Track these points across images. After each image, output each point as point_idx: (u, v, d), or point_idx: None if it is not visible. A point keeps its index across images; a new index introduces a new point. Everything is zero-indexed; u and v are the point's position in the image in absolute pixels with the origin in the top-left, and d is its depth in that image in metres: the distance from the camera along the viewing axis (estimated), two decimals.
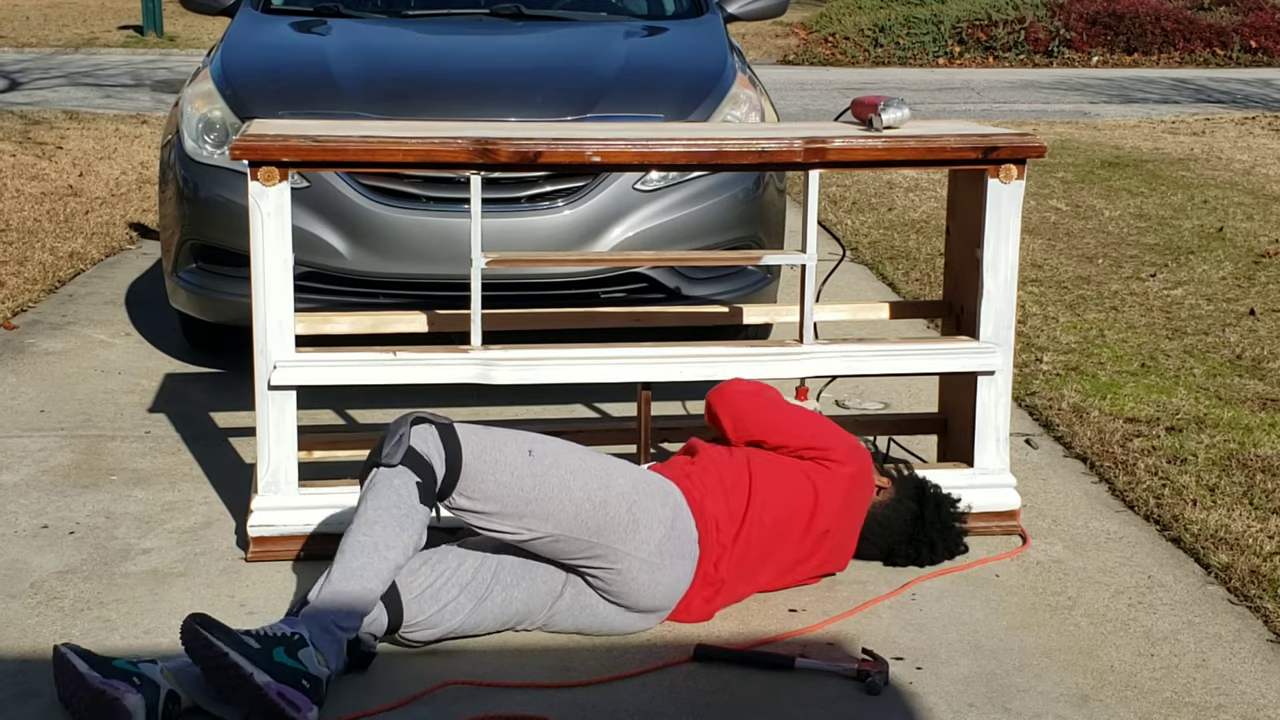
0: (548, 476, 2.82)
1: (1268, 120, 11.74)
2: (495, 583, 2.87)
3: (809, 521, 3.05)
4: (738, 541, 2.98)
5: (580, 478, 2.84)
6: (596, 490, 2.84)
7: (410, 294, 4.24)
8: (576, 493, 2.82)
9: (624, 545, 2.84)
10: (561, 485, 2.82)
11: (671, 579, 2.91)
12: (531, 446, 2.86)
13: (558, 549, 2.84)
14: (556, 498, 2.80)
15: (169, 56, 15.51)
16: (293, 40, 4.97)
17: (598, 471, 2.88)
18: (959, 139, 3.38)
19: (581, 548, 2.84)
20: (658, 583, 2.89)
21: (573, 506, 2.81)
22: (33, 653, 2.87)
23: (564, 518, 2.81)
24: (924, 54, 17.38)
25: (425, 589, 2.82)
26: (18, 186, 7.73)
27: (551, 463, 2.84)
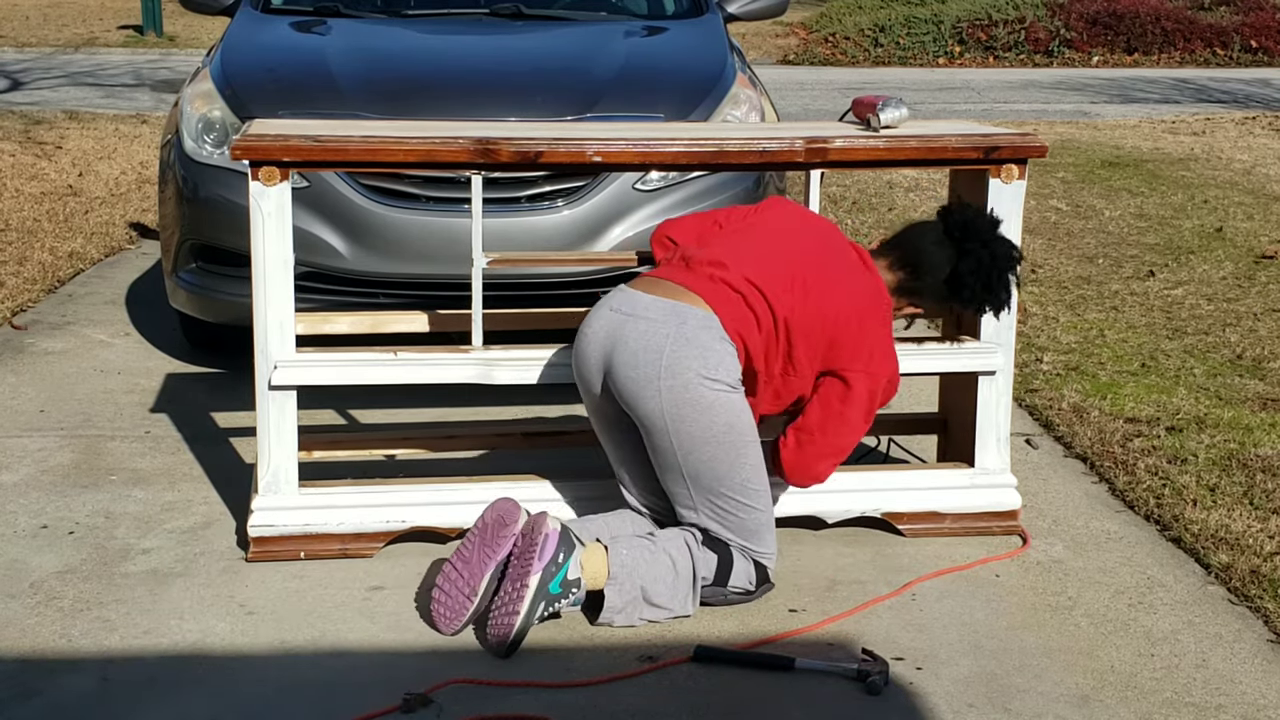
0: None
1: (1268, 120, 11.74)
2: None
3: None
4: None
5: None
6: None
7: (410, 294, 4.23)
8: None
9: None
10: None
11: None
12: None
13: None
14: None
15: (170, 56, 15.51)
16: (293, 40, 4.96)
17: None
18: (960, 139, 3.38)
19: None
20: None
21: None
22: (33, 653, 2.87)
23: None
24: (924, 54, 17.37)
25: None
26: (17, 186, 7.73)
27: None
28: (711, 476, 2.99)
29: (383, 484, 3.45)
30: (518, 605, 2.87)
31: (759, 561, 3.08)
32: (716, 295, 3.00)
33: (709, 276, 3.03)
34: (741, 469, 3.00)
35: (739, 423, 2.98)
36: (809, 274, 3.05)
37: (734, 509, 3.02)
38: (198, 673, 2.81)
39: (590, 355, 3.05)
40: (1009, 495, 3.54)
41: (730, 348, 2.97)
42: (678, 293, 3.01)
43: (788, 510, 3.43)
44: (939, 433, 3.84)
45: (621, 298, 3.05)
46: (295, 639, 2.95)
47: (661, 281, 3.07)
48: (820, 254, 3.11)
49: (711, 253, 3.09)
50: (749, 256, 3.07)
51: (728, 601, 3.07)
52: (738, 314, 2.99)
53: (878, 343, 3.08)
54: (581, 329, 3.09)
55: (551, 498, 3.37)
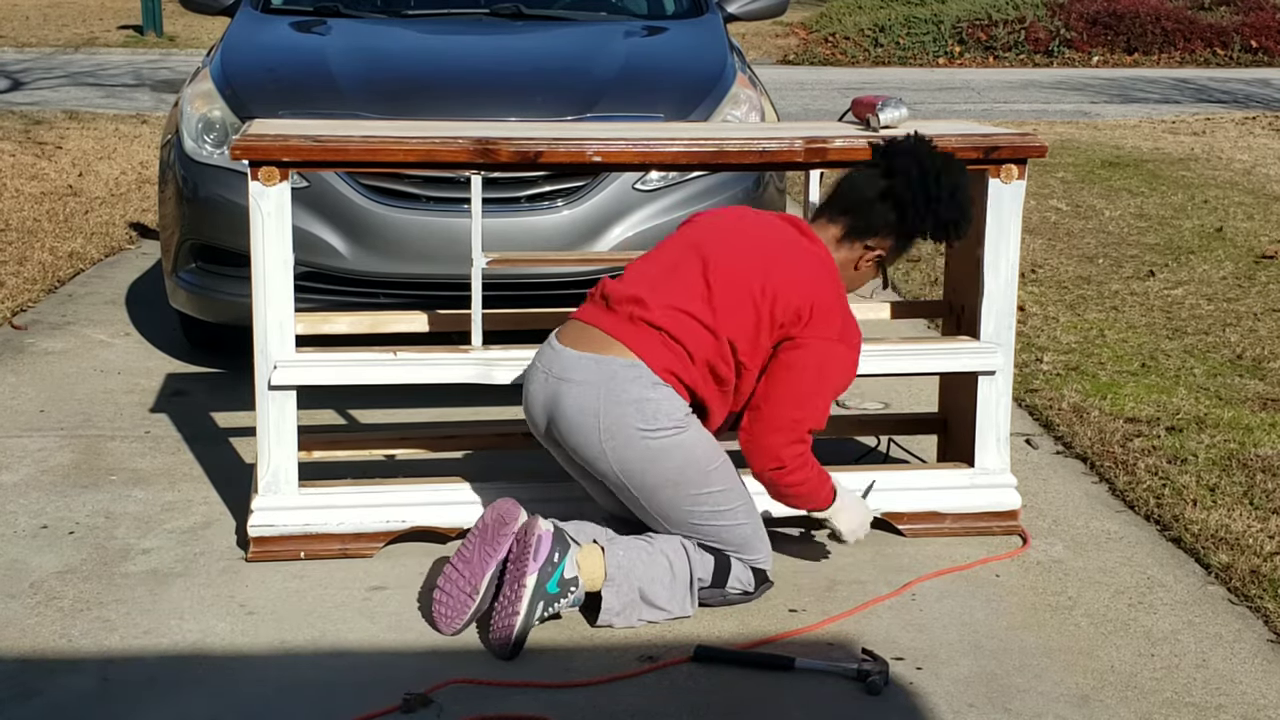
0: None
1: (1268, 120, 11.74)
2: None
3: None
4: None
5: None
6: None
7: (410, 294, 4.23)
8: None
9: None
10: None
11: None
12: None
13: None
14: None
15: (170, 56, 15.51)
16: (293, 40, 4.96)
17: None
18: (960, 139, 3.38)
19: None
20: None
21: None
22: (33, 653, 2.87)
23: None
24: (924, 54, 17.37)
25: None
26: (17, 186, 7.73)
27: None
28: (680, 512, 2.99)
29: (383, 484, 3.45)
30: (517, 605, 2.87)
31: (755, 567, 3.08)
32: (639, 338, 2.94)
33: (629, 317, 2.97)
34: (707, 500, 2.98)
35: (692, 459, 2.95)
36: (727, 269, 2.98)
37: (713, 531, 3.02)
38: (198, 673, 2.81)
39: (536, 419, 3.07)
40: (1009, 495, 3.54)
41: (665, 390, 2.92)
42: (602, 343, 2.96)
43: (788, 510, 3.42)
44: (939, 433, 3.84)
45: (550, 357, 3.02)
46: (295, 639, 2.95)
47: (587, 330, 3.01)
48: (738, 243, 3.03)
49: (628, 287, 3.01)
50: (664, 280, 3.00)
51: (728, 602, 3.07)
52: (664, 353, 2.93)
53: (820, 305, 2.98)
54: (524, 390, 3.10)
55: (551, 498, 3.37)
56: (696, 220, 3.20)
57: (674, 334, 2.94)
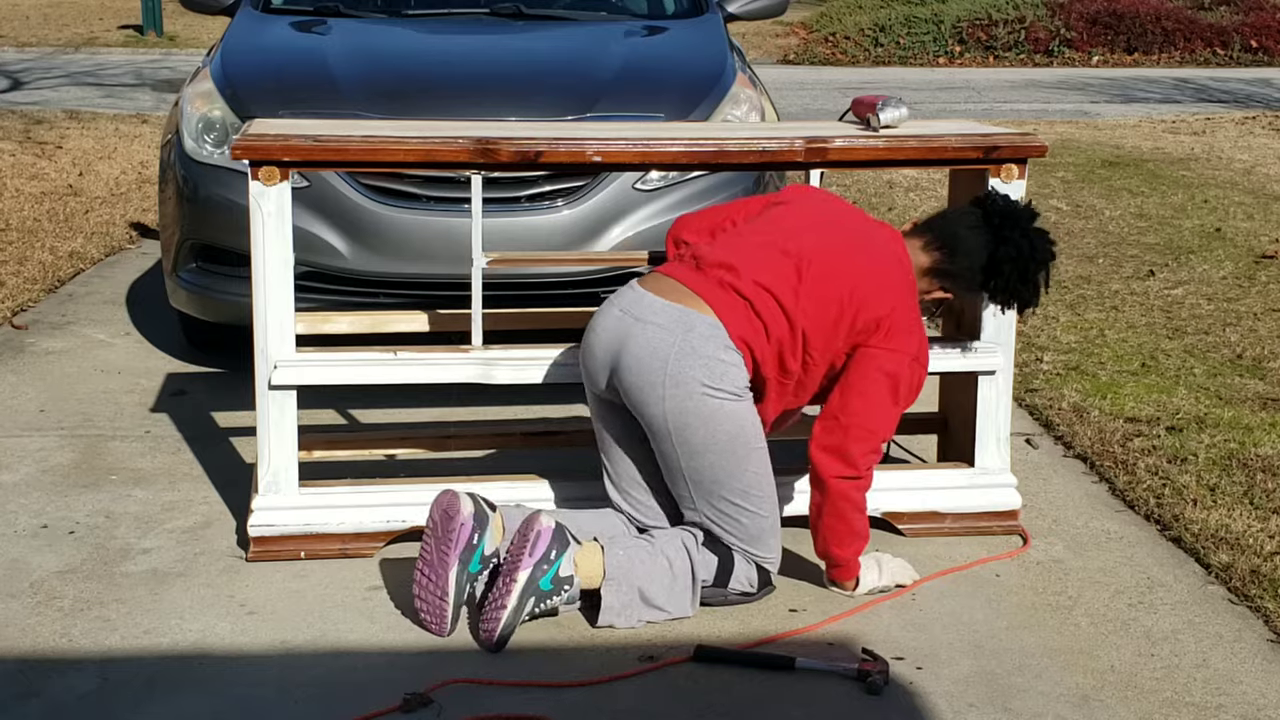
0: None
1: (1268, 120, 11.74)
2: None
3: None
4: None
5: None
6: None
7: (410, 294, 4.23)
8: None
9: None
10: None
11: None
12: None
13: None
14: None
15: (171, 56, 15.51)
16: (293, 40, 4.96)
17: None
18: (960, 138, 3.38)
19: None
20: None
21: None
22: (33, 653, 2.87)
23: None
24: (924, 54, 17.36)
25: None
26: (18, 186, 7.73)
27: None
28: (713, 481, 2.98)
29: (383, 484, 3.45)
30: (505, 600, 2.87)
31: (761, 565, 3.08)
32: (724, 302, 2.98)
33: (718, 281, 3.01)
34: (743, 475, 2.99)
35: (743, 431, 2.97)
36: (822, 265, 3.02)
37: (735, 514, 3.01)
38: (198, 673, 2.81)
39: (597, 354, 3.04)
40: (1009, 495, 3.54)
41: (736, 356, 2.95)
42: (686, 296, 2.99)
43: (788, 510, 3.42)
44: (939, 433, 3.84)
45: (630, 298, 3.03)
46: (295, 639, 2.95)
47: (672, 282, 3.04)
48: (838, 241, 3.08)
49: (722, 254, 3.06)
50: (759, 257, 3.04)
51: (728, 602, 3.07)
52: (744, 322, 2.97)
53: (899, 320, 3.05)
54: (591, 325, 3.08)
55: (551, 497, 3.37)
56: (796, 201, 3.20)
57: (758, 309, 2.97)
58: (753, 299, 2.98)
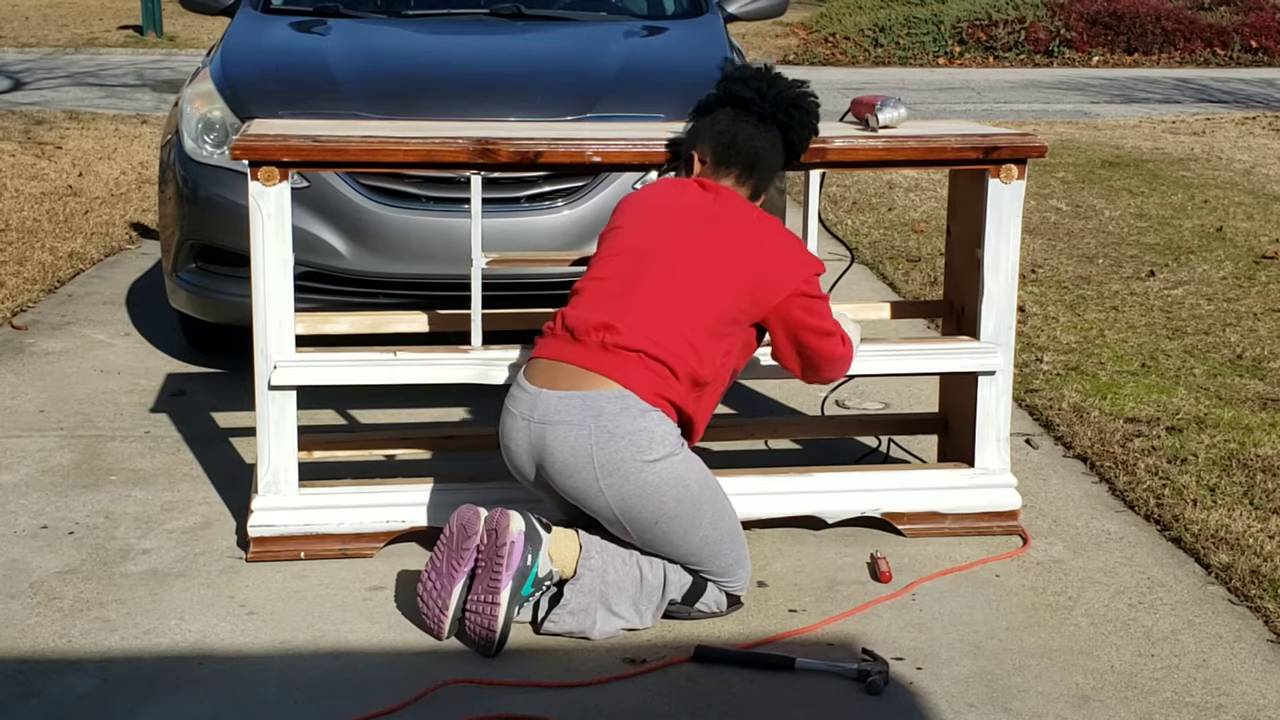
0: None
1: (1268, 120, 11.74)
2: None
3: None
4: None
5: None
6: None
7: (410, 294, 4.24)
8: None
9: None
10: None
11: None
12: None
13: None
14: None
15: (172, 57, 15.51)
16: (292, 40, 4.96)
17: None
18: (960, 139, 3.38)
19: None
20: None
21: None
22: (33, 653, 2.87)
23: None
24: (924, 54, 17.37)
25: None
26: (17, 186, 7.73)
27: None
28: (670, 545, 2.95)
29: (383, 484, 3.45)
30: (493, 623, 2.84)
31: (730, 592, 3.05)
32: (618, 367, 2.87)
33: (600, 345, 2.88)
34: (697, 531, 2.94)
35: (688, 491, 2.91)
36: (693, 267, 2.95)
37: (699, 559, 2.98)
38: (198, 673, 2.81)
39: (522, 464, 2.98)
40: (1009, 495, 3.54)
41: (656, 415, 2.87)
42: (579, 378, 2.88)
43: (788, 510, 3.43)
44: (939, 433, 3.84)
45: (528, 402, 2.92)
46: (295, 639, 2.95)
47: (559, 366, 2.91)
48: (689, 234, 3.00)
49: (593, 314, 2.93)
50: (628, 296, 2.94)
51: (689, 618, 3.04)
52: (647, 377, 2.88)
53: (784, 259, 3.00)
54: (502, 439, 3.00)
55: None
56: (628, 216, 3.12)
57: (651, 353, 2.88)
58: (644, 348, 2.88)
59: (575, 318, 2.95)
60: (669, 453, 2.88)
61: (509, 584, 2.86)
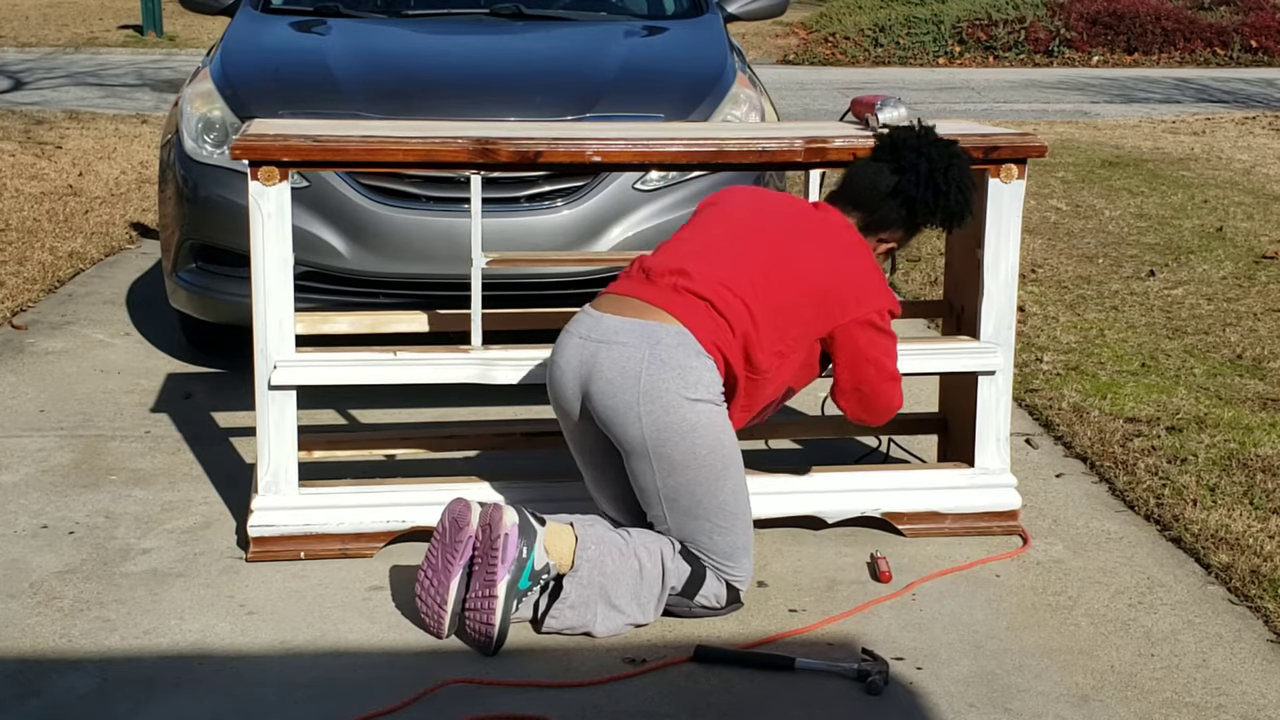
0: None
1: (1268, 120, 11.74)
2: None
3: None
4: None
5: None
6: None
7: (410, 294, 4.23)
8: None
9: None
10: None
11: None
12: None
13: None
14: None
15: (173, 56, 15.51)
16: (292, 40, 4.96)
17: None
18: (960, 139, 3.37)
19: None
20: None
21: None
22: (33, 653, 2.87)
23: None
24: (924, 54, 17.36)
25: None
26: (17, 186, 7.73)
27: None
28: (690, 499, 2.95)
29: (383, 484, 3.45)
30: (491, 617, 2.85)
31: (731, 584, 3.05)
32: (684, 308, 2.94)
33: (672, 287, 2.96)
34: (720, 491, 2.96)
35: (720, 444, 2.93)
36: (774, 252, 3.00)
37: (709, 532, 2.98)
38: (198, 673, 2.81)
39: (566, 385, 2.99)
40: (1009, 495, 3.54)
41: (708, 361, 2.92)
42: (645, 310, 2.95)
43: (788, 510, 3.43)
44: (939, 433, 3.84)
45: (589, 323, 2.98)
46: (295, 639, 2.95)
47: (627, 299, 2.99)
48: (780, 228, 3.06)
49: (670, 260, 3.02)
50: (708, 255, 3.01)
51: (691, 614, 3.04)
52: (709, 324, 2.93)
53: (863, 282, 3.03)
54: (553, 358, 3.04)
55: (550, 498, 3.37)
56: (728, 200, 3.18)
57: (718, 306, 2.94)
58: (711, 298, 2.95)
59: (653, 262, 3.05)
60: (712, 400, 2.92)
61: (505, 577, 2.86)
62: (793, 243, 3.03)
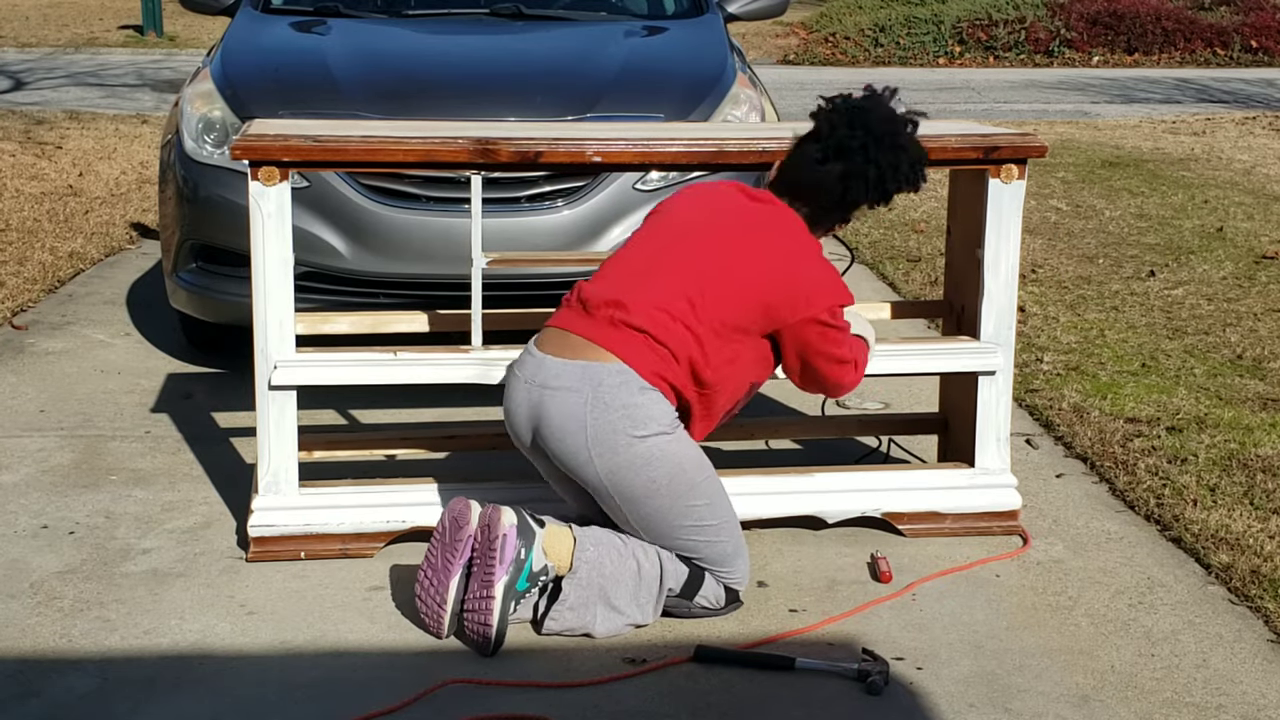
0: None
1: (1268, 120, 11.74)
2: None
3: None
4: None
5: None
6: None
7: (410, 294, 4.23)
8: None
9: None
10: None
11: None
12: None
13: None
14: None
15: (173, 57, 15.51)
16: (293, 40, 4.96)
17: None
18: (960, 139, 3.38)
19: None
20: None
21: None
22: (33, 653, 2.87)
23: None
24: (924, 54, 17.36)
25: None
26: (18, 186, 7.73)
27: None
28: (663, 524, 2.95)
29: (383, 484, 3.45)
30: (489, 618, 2.85)
31: (728, 585, 3.04)
32: (622, 343, 2.89)
33: (609, 321, 2.91)
34: (692, 512, 2.95)
35: (681, 469, 2.92)
36: (716, 263, 2.95)
37: (693, 546, 2.98)
38: (198, 673, 2.81)
39: (520, 428, 3.00)
40: (1009, 495, 3.54)
41: (654, 394, 2.89)
42: (584, 349, 2.91)
43: (788, 510, 3.43)
44: (939, 433, 3.84)
45: (533, 366, 2.96)
46: (295, 639, 2.95)
47: (567, 337, 2.95)
48: (724, 234, 3.00)
49: (606, 290, 2.96)
50: (645, 279, 2.96)
51: (691, 615, 3.04)
52: (649, 357, 2.89)
53: (809, 283, 2.97)
54: (505, 401, 3.03)
55: (551, 498, 3.36)
56: (675, 207, 3.13)
57: (657, 335, 2.90)
58: (649, 328, 2.90)
59: (590, 291, 3.00)
60: (660, 430, 2.89)
61: (503, 578, 2.86)
62: (736, 251, 2.97)
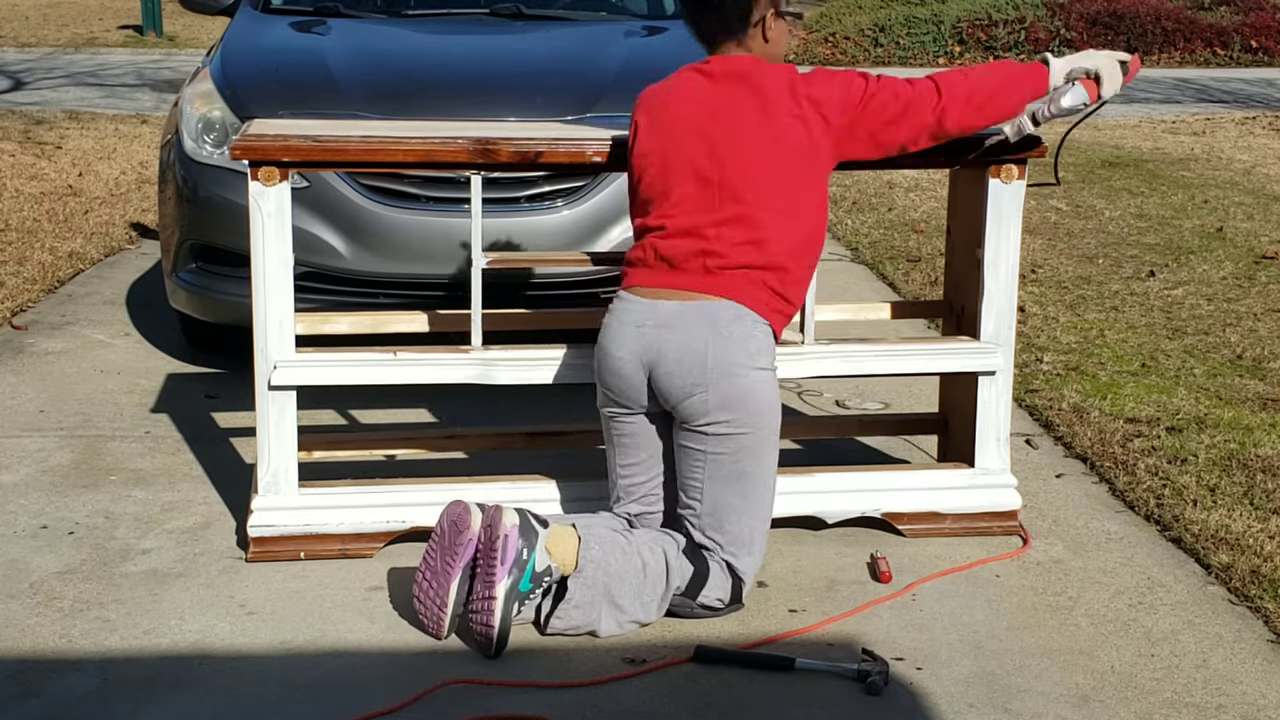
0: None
1: (1268, 120, 11.74)
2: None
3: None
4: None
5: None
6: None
7: (410, 294, 4.24)
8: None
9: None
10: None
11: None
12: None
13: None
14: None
15: (172, 56, 15.52)
16: (292, 40, 4.97)
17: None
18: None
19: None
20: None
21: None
22: (33, 653, 2.87)
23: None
24: (924, 54, 17.37)
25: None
26: (17, 186, 7.73)
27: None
28: (734, 465, 2.97)
29: (383, 484, 3.45)
30: (491, 619, 2.85)
31: (737, 577, 3.04)
32: (726, 285, 2.98)
33: (703, 270, 2.99)
34: (761, 463, 3.01)
35: (776, 412, 3.02)
36: (755, 171, 2.99)
37: (738, 510, 2.99)
38: (198, 673, 2.81)
39: (628, 375, 3.01)
40: (1009, 495, 3.54)
41: (765, 327, 3.00)
42: (692, 296, 2.99)
43: (788, 510, 3.42)
44: (939, 433, 3.84)
45: (644, 310, 3.00)
46: (295, 639, 2.95)
47: (667, 291, 3.02)
48: (740, 137, 3.01)
49: (684, 241, 3.00)
50: (705, 211, 3.00)
51: (693, 615, 3.04)
52: (752, 288, 2.98)
53: (824, 90, 3.02)
54: (607, 350, 3.03)
55: (551, 498, 3.37)
56: (667, 130, 3.11)
57: (751, 263, 2.99)
58: (742, 262, 2.99)
59: (669, 248, 3.03)
60: (770, 365, 3.02)
61: (505, 578, 2.86)
62: (752, 135, 3.00)
